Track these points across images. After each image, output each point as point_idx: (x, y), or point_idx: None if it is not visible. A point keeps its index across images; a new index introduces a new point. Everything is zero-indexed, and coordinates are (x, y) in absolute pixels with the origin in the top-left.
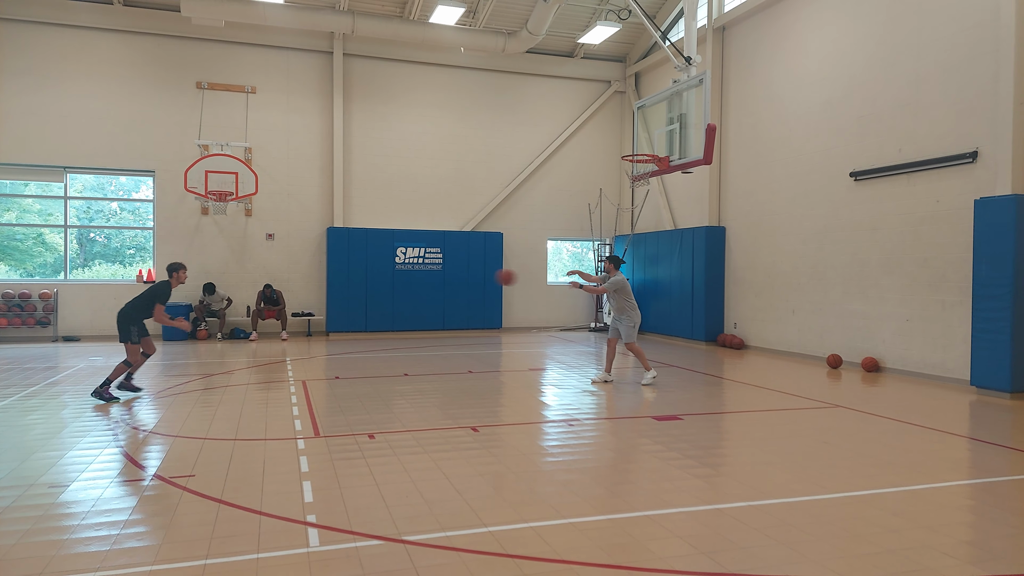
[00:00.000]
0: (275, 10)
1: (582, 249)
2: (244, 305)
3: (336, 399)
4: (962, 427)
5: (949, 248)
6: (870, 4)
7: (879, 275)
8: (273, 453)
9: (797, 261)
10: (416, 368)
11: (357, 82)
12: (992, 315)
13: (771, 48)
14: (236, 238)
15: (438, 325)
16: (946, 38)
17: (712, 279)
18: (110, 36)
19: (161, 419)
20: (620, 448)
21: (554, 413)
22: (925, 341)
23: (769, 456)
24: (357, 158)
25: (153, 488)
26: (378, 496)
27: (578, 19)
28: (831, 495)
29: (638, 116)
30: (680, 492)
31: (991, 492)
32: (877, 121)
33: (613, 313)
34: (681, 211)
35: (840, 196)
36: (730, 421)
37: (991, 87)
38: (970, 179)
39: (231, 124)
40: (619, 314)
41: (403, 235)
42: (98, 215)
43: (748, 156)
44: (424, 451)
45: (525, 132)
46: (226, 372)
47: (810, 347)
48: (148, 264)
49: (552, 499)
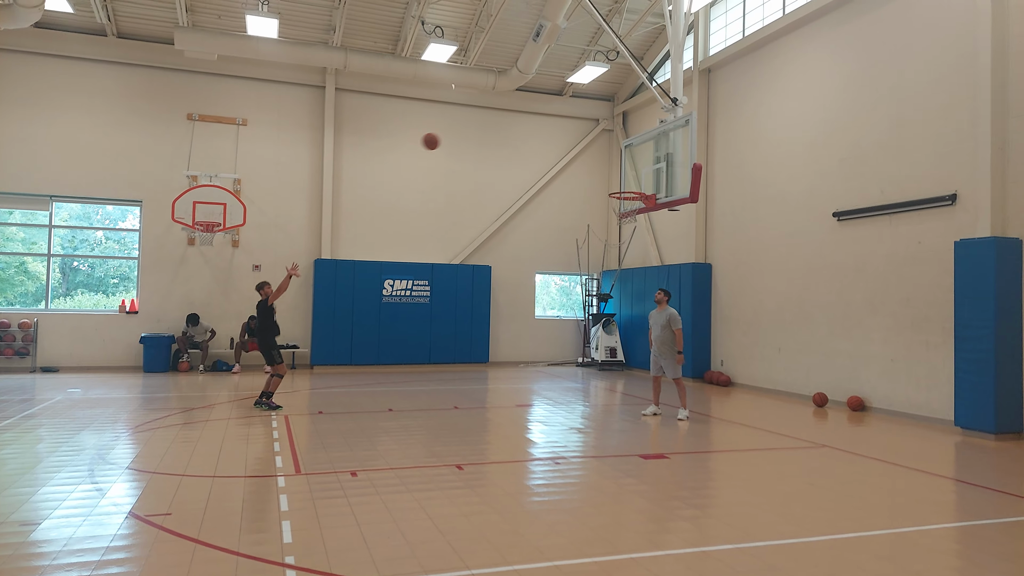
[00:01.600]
0: (269, 45)
1: (570, 283)
2: (228, 337)
3: (319, 435)
4: (947, 469)
5: (931, 289)
6: (851, 50)
7: (864, 315)
8: (252, 491)
9: (783, 299)
10: (401, 403)
11: (348, 116)
12: (974, 356)
13: (755, 90)
14: (222, 269)
15: (424, 359)
16: (926, 84)
17: (699, 316)
18: (102, 67)
19: (138, 454)
20: (606, 488)
21: (540, 451)
22: (910, 381)
23: (756, 497)
24: (346, 190)
25: (128, 527)
26: (359, 537)
27: (567, 59)
28: (818, 537)
29: (626, 154)
30: (666, 534)
31: (977, 536)
32: (859, 163)
33: (657, 348)
34: (668, 248)
35: (824, 236)
36: (717, 460)
37: (969, 131)
38: (950, 221)
39: (221, 155)
40: (663, 348)
41: (391, 267)
42: (83, 244)
43: (734, 195)
44: (407, 490)
45: (515, 168)
46: (207, 406)
47: (796, 385)
48: (131, 294)
49: (537, 540)
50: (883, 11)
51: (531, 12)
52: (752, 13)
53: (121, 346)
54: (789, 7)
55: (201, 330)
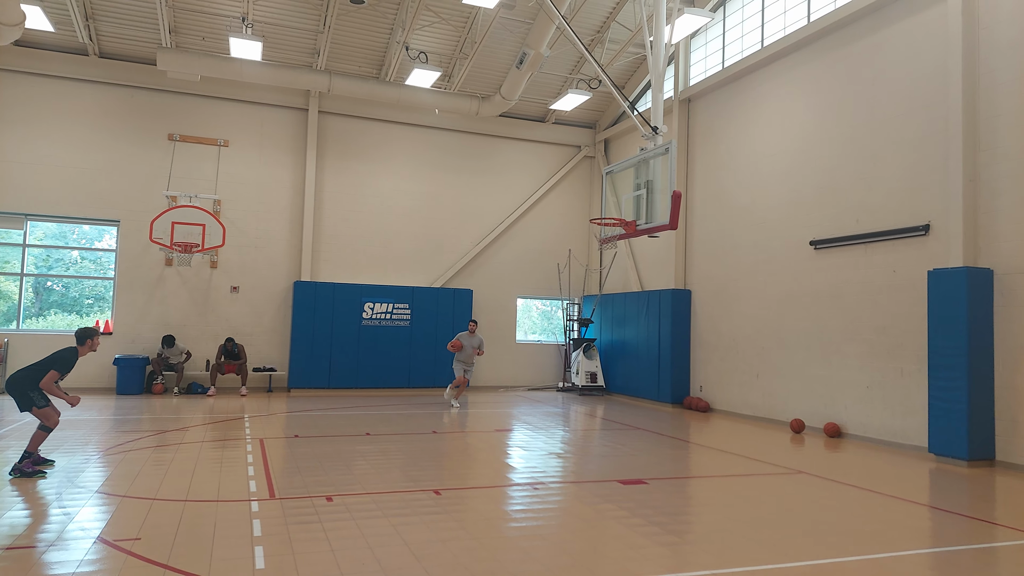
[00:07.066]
0: (252, 67)
1: (551, 308)
2: (204, 359)
3: (294, 459)
4: (922, 495)
5: (906, 317)
6: (827, 82)
7: (840, 342)
8: (225, 515)
9: (761, 326)
10: (379, 427)
11: (331, 139)
12: (948, 384)
13: (734, 120)
14: (199, 290)
15: (404, 383)
16: (899, 117)
17: (678, 341)
18: (83, 86)
19: (108, 477)
20: (585, 514)
21: (519, 476)
22: (885, 408)
23: (733, 523)
24: (328, 213)
25: (96, 552)
26: (333, 563)
27: (550, 86)
28: (794, 563)
29: (607, 181)
30: (645, 560)
31: (950, 562)
32: (835, 193)
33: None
34: (648, 274)
35: (801, 264)
36: (695, 486)
37: (942, 164)
38: (924, 251)
39: (201, 176)
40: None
41: (371, 290)
42: (57, 263)
43: (713, 222)
44: (384, 515)
45: (497, 192)
46: (181, 428)
47: (774, 411)
48: (107, 315)
49: (514, 567)
50: (858, 46)
51: (515, 40)
52: (731, 45)
53: (94, 367)
54: (768, 40)
55: (176, 352)
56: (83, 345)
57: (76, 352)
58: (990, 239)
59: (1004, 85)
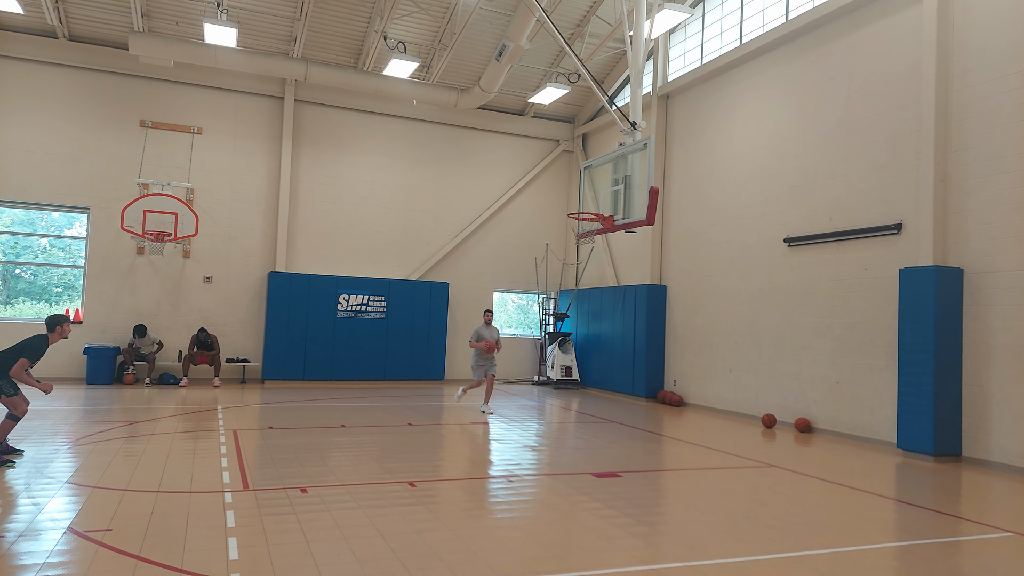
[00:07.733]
0: (227, 54)
1: (527, 302)
2: (176, 349)
3: (268, 450)
4: (889, 489)
5: (876, 314)
6: (803, 81)
7: (811, 338)
8: (198, 507)
9: (734, 321)
10: (354, 419)
11: (307, 128)
12: (915, 380)
13: (712, 117)
14: (172, 280)
15: (379, 375)
16: (873, 117)
17: (653, 336)
18: (52, 70)
19: (78, 468)
20: (559, 505)
21: (494, 468)
22: (854, 403)
23: (705, 516)
24: (303, 203)
25: (66, 543)
26: (307, 554)
27: (530, 79)
28: (765, 556)
29: (585, 176)
30: (617, 552)
31: (916, 554)
32: (809, 190)
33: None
34: (624, 268)
35: (775, 260)
36: (668, 479)
37: (913, 164)
38: (895, 249)
39: (174, 164)
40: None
41: (347, 282)
42: (25, 251)
43: (689, 218)
44: (359, 506)
45: (475, 185)
46: (152, 419)
47: (746, 406)
48: (76, 303)
49: (489, 558)
50: (833, 46)
51: (494, 32)
52: (710, 42)
53: (64, 357)
54: (746, 37)
55: (148, 342)
56: (53, 332)
57: (47, 339)
58: (960, 239)
59: (976, 87)
